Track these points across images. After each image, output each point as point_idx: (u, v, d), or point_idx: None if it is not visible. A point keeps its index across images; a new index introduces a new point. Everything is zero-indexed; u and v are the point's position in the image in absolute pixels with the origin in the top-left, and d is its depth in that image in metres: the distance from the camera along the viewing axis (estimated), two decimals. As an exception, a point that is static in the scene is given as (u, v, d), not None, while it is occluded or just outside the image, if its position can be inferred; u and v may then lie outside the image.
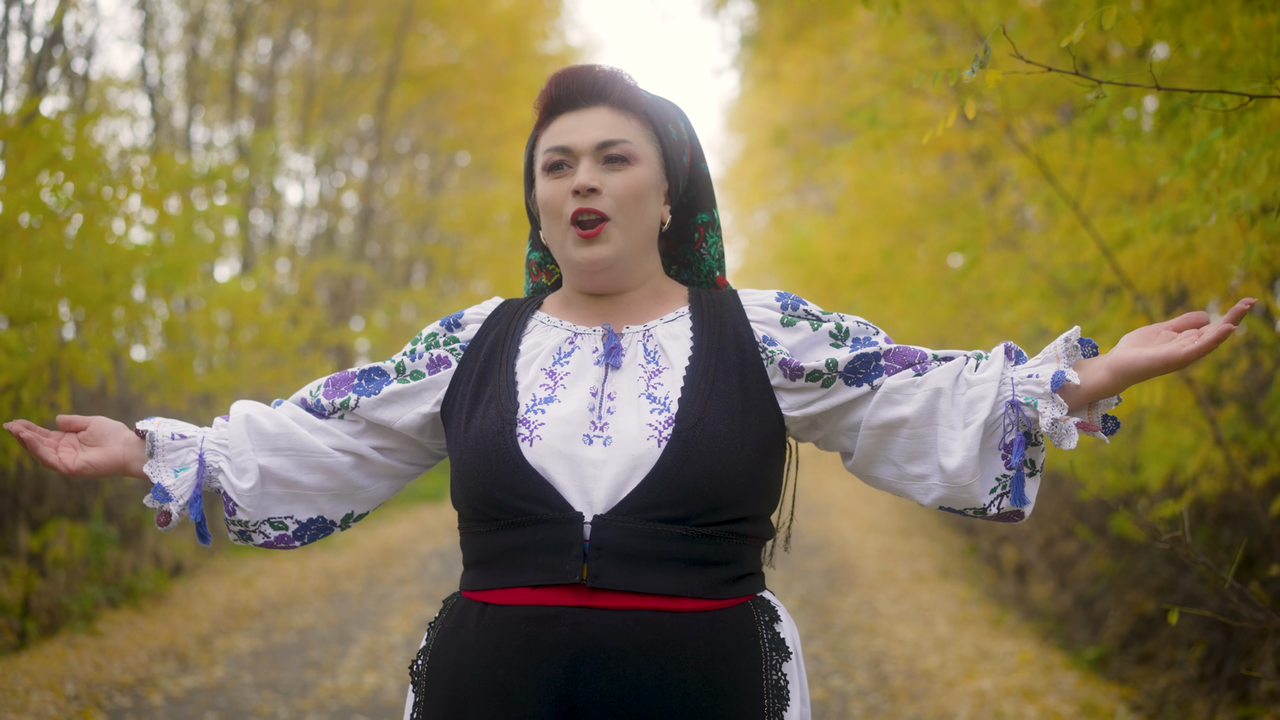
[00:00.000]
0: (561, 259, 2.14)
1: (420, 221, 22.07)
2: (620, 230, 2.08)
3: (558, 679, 1.95)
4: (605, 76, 2.12)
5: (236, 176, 12.03)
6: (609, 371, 2.07)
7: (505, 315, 2.21)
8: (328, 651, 7.39)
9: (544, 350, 2.12)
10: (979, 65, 2.08)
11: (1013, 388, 1.99)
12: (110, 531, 8.79)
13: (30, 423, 2.11)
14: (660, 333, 2.12)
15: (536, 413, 2.03)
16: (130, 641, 7.44)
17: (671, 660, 1.96)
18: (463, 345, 2.18)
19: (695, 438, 1.98)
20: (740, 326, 2.12)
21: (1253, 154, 2.65)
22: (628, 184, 2.08)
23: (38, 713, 5.82)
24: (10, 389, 7.34)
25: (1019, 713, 5.89)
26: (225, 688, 6.53)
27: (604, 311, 2.16)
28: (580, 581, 1.96)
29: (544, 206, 2.12)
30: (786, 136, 16.53)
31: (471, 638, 2.03)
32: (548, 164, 2.11)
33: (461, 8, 19.16)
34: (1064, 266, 5.79)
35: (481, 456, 2.03)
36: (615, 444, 1.99)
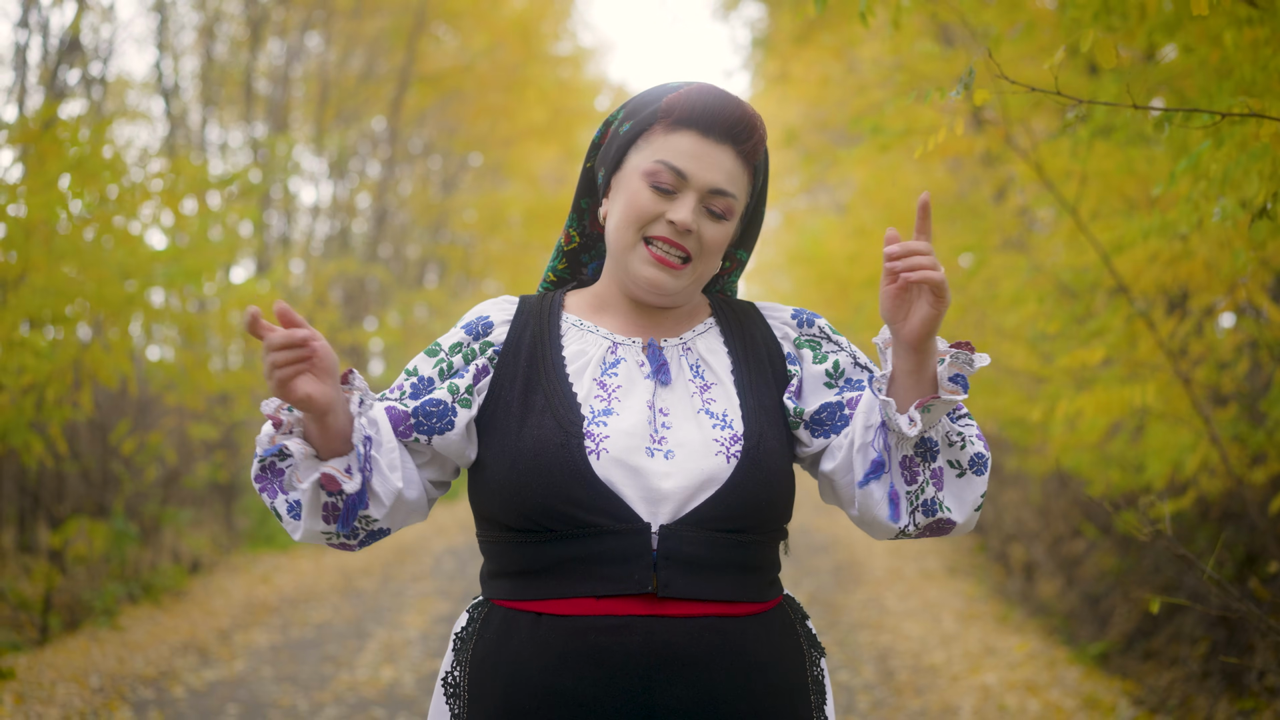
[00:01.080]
0: (621, 263, 2.12)
1: (434, 222, 22.21)
2: (693, 271, 2.09)
3: (634, 688, 1.95)
4: (748, 122, 2.08)
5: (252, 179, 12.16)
6: (658, 387, 2.09)
7: (531, 315, 2.17)
8: (345, 646, 7.54)
9: (590, 359, 2.11)
10: (964, 86, 2.19)
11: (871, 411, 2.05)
12: (131, 528, 8.94)
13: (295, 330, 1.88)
14: (699, 346, 2.15)
15: (599, 425, 2.02)
16: (151, 636, 7.60)
17: (738, 664, 2.00)
18: (496, 349, 2.13)
19: (760, 455, 2.03)
20: (769, 341, 2.18)
21: (1240, 165, 2.77)
22: (716, 238, 2.08)
23: (64, 704, 5.97)
24: (34, 389, 7.48)
25: (1022, 706, 6.01)
26: (245, 681, 6.68)
27: (640, 320, 2.17)
28: (650, 591, 1.97)
29: (630, 207, 2.08)
30: (797, 138, 16.61)
31: (527, 648, 2.00)
32: (656, 176, 2.06)
33: (474, 10, 19.28)
34: (1064, 269, 5.90)
35: (543, 467, 2.00)
36: (680, 458, 2.01)
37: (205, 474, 11.86)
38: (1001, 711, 5.97)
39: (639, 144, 2.10)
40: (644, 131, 2.10)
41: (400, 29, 18.35)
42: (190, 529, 11.07)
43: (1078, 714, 5.83)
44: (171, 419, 11.36)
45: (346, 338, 15.76)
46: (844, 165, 12.32)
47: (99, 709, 5.98)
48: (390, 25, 18.41)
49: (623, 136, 2.12)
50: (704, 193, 2.05)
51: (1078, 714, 5.83)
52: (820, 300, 16.17)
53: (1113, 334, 5.23)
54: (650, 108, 2.10)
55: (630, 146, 2.11)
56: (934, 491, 2.05)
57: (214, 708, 6.14)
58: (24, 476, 9.80)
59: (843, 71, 14.79)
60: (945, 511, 2.06)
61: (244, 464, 13.04)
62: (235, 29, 16.65)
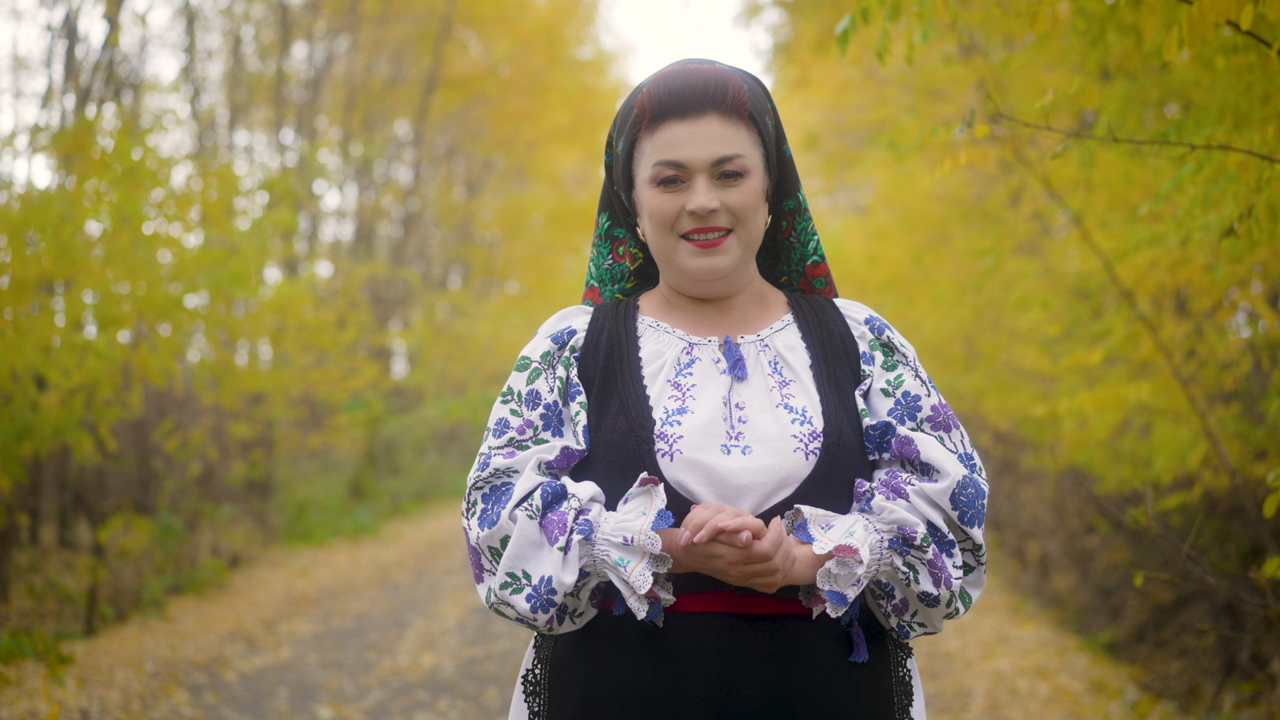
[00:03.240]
0: (671, 266, 2.12)
1: (458, 225, 22.52)
2: (738, 240, 2.08)
3: (710, 685, 1.95)
4: (716, 82, 2.06)
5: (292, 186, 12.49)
6: (734, 383, 2.07)
7: (607, 317, 2.17)
8: (385, 634, 7.88)
9: (666, 361, 2.10)
10: (966, 124, 2.50)
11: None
12: (176, 522, 9.28)
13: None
14: (776, 343, 2.13)
15: (672, 425, 2.01)
16: (199, 626, 7.95)
17: (813, 662, 1.98)
18: (577, 354, 2.13)
19: (840, 451, 2.02)
20: (846, 338, 2.15)
21: (1218, 187, 3.07)
22: (743, 200, 2.06)
23: (123, 688, 6.32)
24: (83, 389, 7.81)
25: (1032, 690, 6.32)
26: (293, 666, 7.02)
27: (712, 318, 2.15)
28: (728, 588, 1.97)
29: (654, 218, 2.08)
30: (817, 141, 16.84)
31: (604, 646, 2.01)
32: (659, 177, 2.06)
33: (499, 15, 19.56)
34: (1071, 275, 6.20)
35: (615, 471, 2.01)
36: (757, 454, 2.00)
37: (242, 471, 12.22)
38: (1013, 694, 6.28)
39: (635, 156, 2.12)
40: (635, 142, 2.11)
41: (426, 35, 18.67)
42: (227, 525, 11.43)
43: (1085, 696, 6.13)
44: (209, 418, 11.72)
45: (379, 339, 16.07)
46: (863, 168, 12.57)
47: (156, 692, 6.33)
48: (416, 31, 18.74)
49: (621, 156, 2.14)
50: (709, 169, 2.05)
51: (1085, 696, 6.13)
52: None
53: (1115, 336, 5.52)
54: (630, 118, 2.11)
55: (631, 162, 2.13)
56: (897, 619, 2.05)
57: (265, 691, 6.48)
58: (65, 474, 10.15)
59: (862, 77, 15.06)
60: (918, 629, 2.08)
61: (278, 461, 13.41)
62: (263, 34, 16.99)
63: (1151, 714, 5.80)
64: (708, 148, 2.04)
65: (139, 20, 12.53)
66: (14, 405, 7.26)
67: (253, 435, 12.13)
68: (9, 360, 6.79)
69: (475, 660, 7.20)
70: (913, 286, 11.58)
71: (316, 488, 14.27)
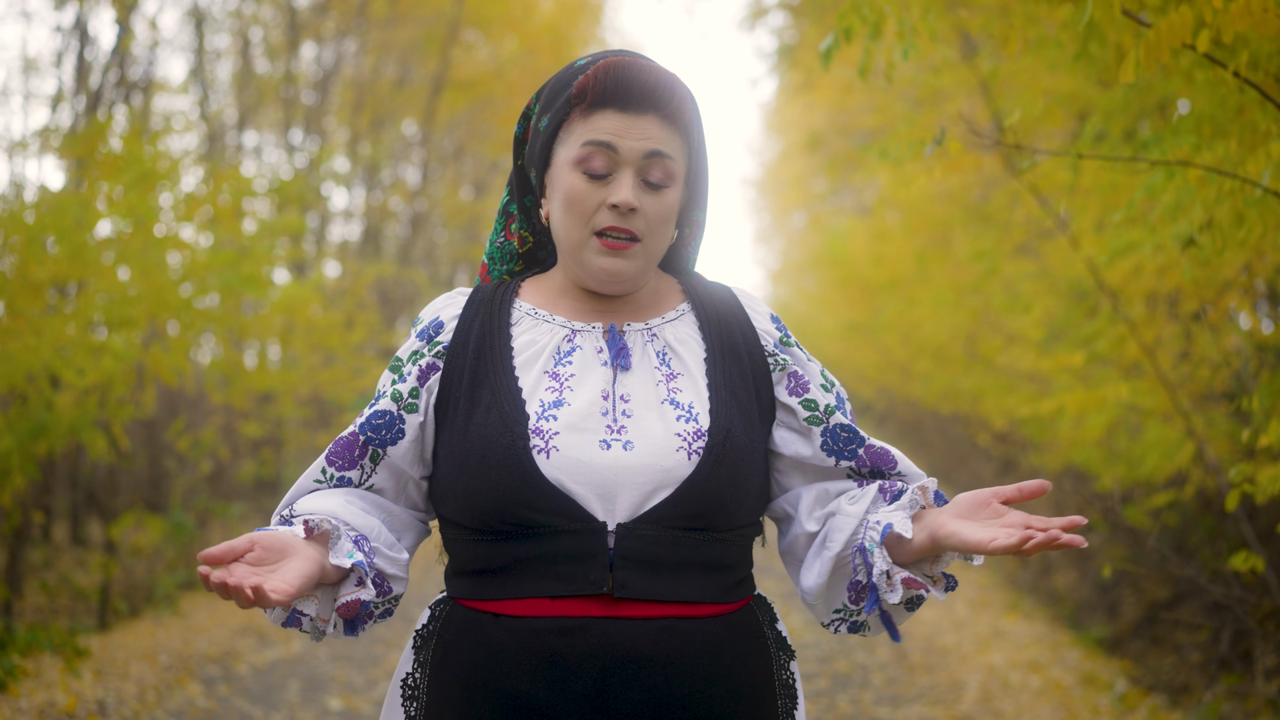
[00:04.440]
0: (574, 258, 2.02)
1: (465, 225, 22.68)
2: (645, 251, 2.00)
3: (589, 691, 1.90)
4: (665, 84, 1.98)
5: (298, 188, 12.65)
6: (618, 372, 1.99)
7: (481, 305, 2.08)
8: (392, 629, 8.04)
9: (543, 350, 2.02)
10: (936, 143, 2.65)
11: (865, 531, 1.98)
12: (189, 519, 9.46)
13: (225, 549, 1.75)
14: (667, 333, 2.05)
15: (548, 419, 1.94)
16: (211, 620, 8.12)
17: (697, 667, 1.93)
18: (445, 345, 2.04)
19: (725, 452, 1.95)
20: (746, 330, 2.07)
21: (1186, 196, 3.22)
22: (662, 209, 1.99)
23: (138, 679, 6.50)
24: (97, 389, 7.98)
25: (1024, 682, 6.47)
26: (304, 659, 7.20)
27: (600, 306, 2.06)
28: (606, 592, 1.91)
29: (569, 202, 1.98)
30: (821, 142, 16.99)
31: (483, 650, 1.95)
32: (586, 161, 1.97)
33: (506, 17, 19.71)
34: (1066, 278, 6.36)
35: (490, 469, 1.93)
36: (639, 451, 1.93)
37: (252, 470, 12.39)
38: (1005, 687, 6.43)
39: (561, 136, 2.01)
40: (563, 122, 2.01)
41: (433, 36, 18.82)
42: (237, 522, 11.61)
43: (1075, 689, 6.29)
44: (219, 417, 11.89)
45: (387, 339, 16.24)
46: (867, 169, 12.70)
47: (170, 684, 6.50)
48: (423, 33, 18.90)
49: (544, 132, 2.02)
50: (639, 164, 1.97)
51: (1075, 689, 6.29)
52: (843, 301, 16.54)
53: (1104, 339, 5.67)
54: (563, 95, 2.01)
55: (554, 141, 2.02)
56: (865, 617, 2.03)
57: (277, 683, 6.66)
58: (77, 473, 10.33)
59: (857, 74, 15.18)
60: (866, 631, 2.07)
61: (287, 460, 13.57)
62: (271, 35, 17.14)
63: (1140, 706, 5.95)
64: (643, 141, 1.96)
65: (151, 25, 12.68)
66: (29, 404, 7.43)
67: (262, 434, 12.30)
68: (26, 360, 6.95)
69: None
70: (915, 288, 11.72)
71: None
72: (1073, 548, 1.73)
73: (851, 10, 2.96)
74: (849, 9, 2.95)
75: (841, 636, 7.79)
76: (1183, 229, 3.41)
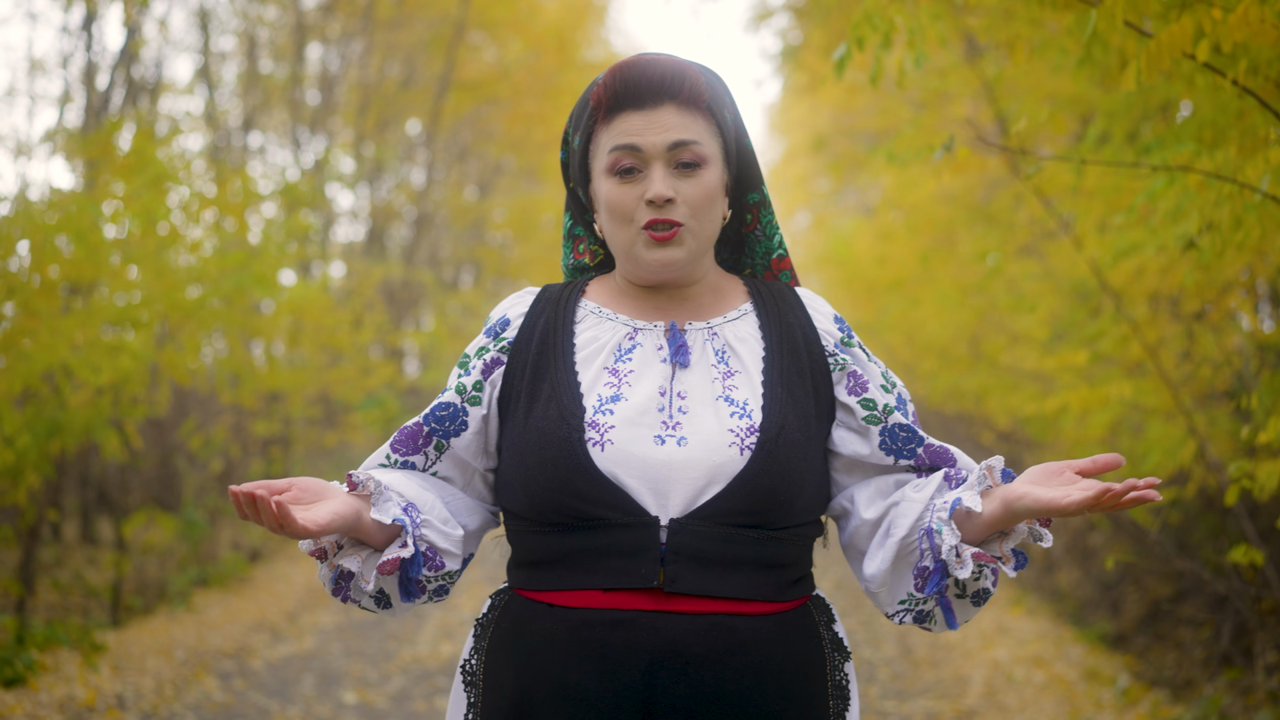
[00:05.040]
0: (628, 258, 2.07)
1: (470, 225, 22.77)
2: (692, 235, 2.03)
3: (636, 684, 1.92)
4: (673, 73, 2.03)
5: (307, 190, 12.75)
6: (676, 369, 2.03)
7: (548, 303, 2.14)
8: (404, 625, 8.15)
9: (604, 346, 2.06)
10: (945, 149, 2.74)
11: (932, 514, 1.99)
12: (201, 517, 9.56)
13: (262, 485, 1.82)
14: (727, 332, 2.08)
15: (604, 414, 1.98)
16: (225, 617, 8.23)
17: (747, 664, 1.94)
18: (510, 341, 2.10)
19: (778, 447, 1.96)
20: (807, 329, 2.10)
21: (1186, 200, 3.31)
22: (700, 190, 2.02)
23: (155, 674, 6.60)
24: (111, 388, 8.08)
25: (1028, 678, 6.57)
26: (317, 655, 7.30)
27: (662, 305, 2.11)
28: (657, 586, 1.93)
29: (612, 210, 2.04)
30: (826, 143, 17.05)
31: (538, 640, 1.99)
32: (616, 165, 2.03)
33: (512, 18, 19.79)
34: (1070, 278, 6.45)
35: (547, 460, 1.97)
36: (693, 446, 1.96)
37: (261, 469, 12.49)
38: (1009, 681, 6.53)
39: (591, 150, 2.08)
40: (590, 136, 2.08)
41: (439, 38, 18.91)
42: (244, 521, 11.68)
43: (1078, 684, 6.38)
44: (229, 416, 11.99)
45: (394, 339, 16.33)
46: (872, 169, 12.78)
47: (187, 678, 6.60)
48: (429, 34, 18.99)
49: (577, 150, 2.11)
50: (666, 156, 2.02)
51: (1078, 684, 6.38)
52: (847, 301, 16.60)
53: (1108, 338, 5.76)
54: (585, 111, 2.09)
55: (587, 155, 2.09)
56: (933, 606, 2.03)
57: (291, 677, 6.76)
58: (87, 472, 10.43)
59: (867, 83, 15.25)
60: (932, 624, 2.07)
61: (296, 459, 13.67)
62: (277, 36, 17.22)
63: (1142, 701, 6.04)
64: (664, 134, 2.01)
65: (161, 26, 12.78)
66: (43, 403, 7.53)
67: (271, 433, 12.40)
68: (42, 359, 7.05)
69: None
70: (919, 288, 11.79)
71: (334, 485, 14.56)
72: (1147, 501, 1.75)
73: (864, 21, 3.05)
74: (861, 19, 3.04)
75: (848, 631, 7.89)
76: (1183, 231, 3.50)
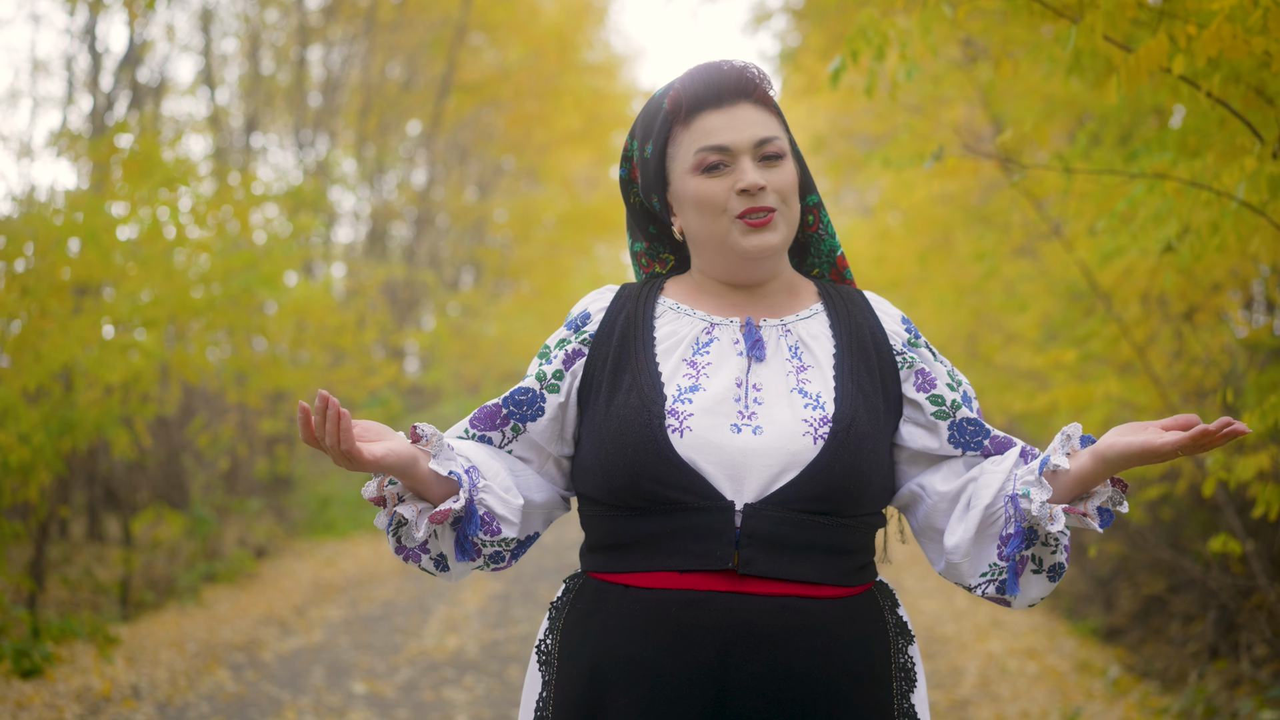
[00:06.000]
0: (721, 250, 2.14)
1: (471, 226, 22.90)
2: (785, 220, 2.12)
3: (710, 662, 2.00)
4: (745, 73, 2.13)
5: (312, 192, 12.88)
6: (752, 363, 2.11)
7: (628, 299, 2.21)
8: (410, 619, 8.31)
9: (682, 339, 2.14)
10: (935, 158, 2.90)
11: (1014, 482, 2.06)
12: (210, 514, 9.71)
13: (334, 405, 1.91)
14: (800, 329, 2.16)
15: (684, 402, 2.06)
16: (234, 611, 8.38)
17: (816, 645, 2.02)
18: (591, 334, 2.18)
19: (849, 437, 2.04)
20: (875, 329, 2.18)
21: (1166, 205, 3.47)
22: (787, 179, 2.11)
23: (169, 665, 6.75)
24: (121, 387, 8.22)
25: (1021, 668, 6.73)
26: (326, 648, 7.45)
27: (739, 302, 2.18)
28: (731, 568, 2.01)
29: (702, 204, 2.10)
30: (824, 144, 17.17)
31: (613, 619, 2.06)
32: (704, 164, 2.10)
33: (512, 20, 19.92)
34: (1059, 280, 6.60)
35: (627, 446, 2.05)
36: (768, 435, 2.04)
37: (267, 466, 12.66)
38: (1003, 672, 6.69)
39: (670, 152, 2.16)
40: (667, 140, 2.16)
41: (440, 40, 19.04)
42: (253, 518, 11.86)
43: (1070, 675, 6.54)
44: (235, 415, 12.13)
45: (397, 339, 16.47)
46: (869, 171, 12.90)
47: (199, 669, 6.76)
48: (430, 37, 19.12)
49: (652, 158, 2.17)
50: (752, 150, 2.10)
51: (1070, 675, 6.54)
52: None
53: (1099, 337, 5.92)
54: (658, 117, 2.16)
55: (665, 159, 2.16)
56: (1012, 576, 2.08)
57: (301, 669, 6.91)
58: (95, 469, 10.57)
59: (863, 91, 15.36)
60: (1011, 596, 2.10)
61: (301, 457, 13.84)
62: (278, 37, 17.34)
63: (1132, 691, 6.19)
64: (748, 130, 2.10)
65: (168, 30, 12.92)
66: (56, 401, 7.67)
67: (277, 432, 12.55)
68: (56, 359, 7.20)
69: (497, 642, 7.62)
70: (917, 287, 11.93)
71: (337, 483, 14.70)
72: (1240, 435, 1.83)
73: (858, 35, 3.21)
74: (856, 34, 3.20)
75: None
76: (1164, 235, 3.66)
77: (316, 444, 1.93)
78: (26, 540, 8.06)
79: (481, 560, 2.12)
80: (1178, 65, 2.81)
